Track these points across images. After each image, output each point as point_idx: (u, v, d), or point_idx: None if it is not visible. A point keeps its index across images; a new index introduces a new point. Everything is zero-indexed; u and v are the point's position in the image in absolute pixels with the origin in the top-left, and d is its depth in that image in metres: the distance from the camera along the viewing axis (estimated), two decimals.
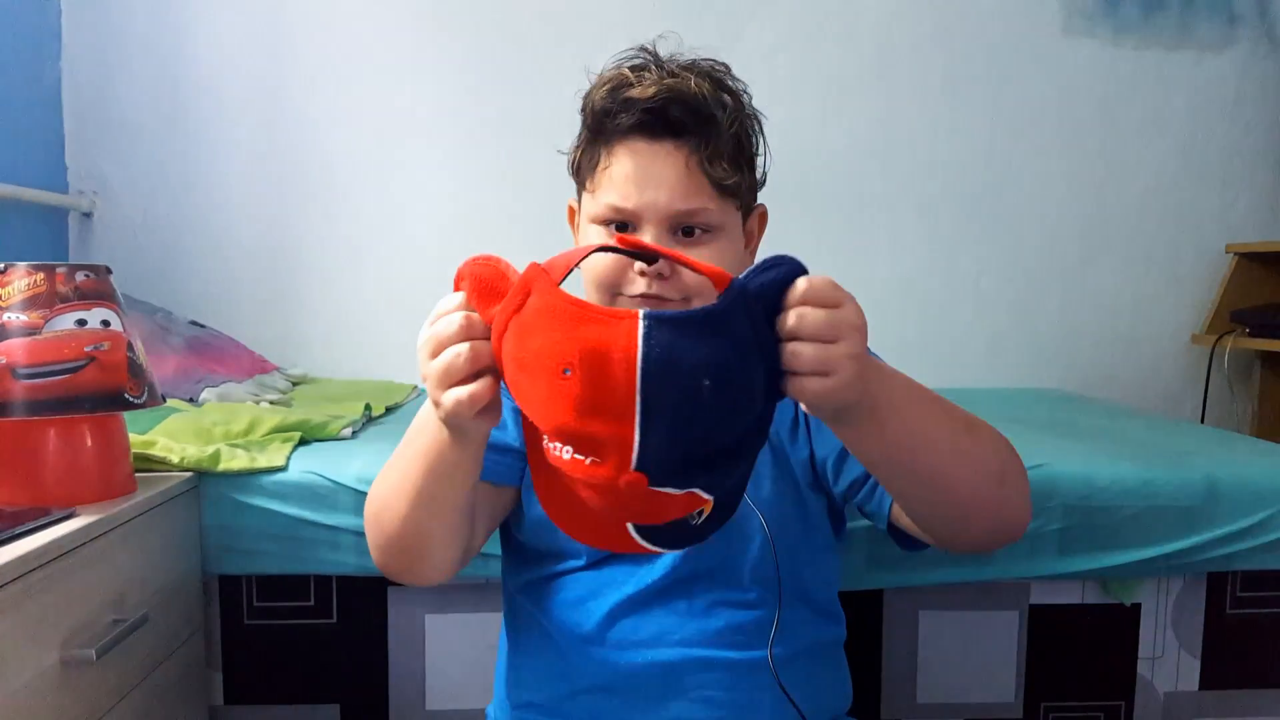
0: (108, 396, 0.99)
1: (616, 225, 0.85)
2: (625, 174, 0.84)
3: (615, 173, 0.85)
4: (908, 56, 2.17)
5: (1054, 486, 1.20)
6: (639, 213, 0.83)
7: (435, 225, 2.15)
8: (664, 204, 0.83)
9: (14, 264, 0.98)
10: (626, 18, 2.10)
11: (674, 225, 0.84)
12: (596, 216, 0.86)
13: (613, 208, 0.84)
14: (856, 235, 2.21)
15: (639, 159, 0.84)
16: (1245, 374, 2.29)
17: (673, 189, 0.83)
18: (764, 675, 0.83)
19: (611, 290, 0.84)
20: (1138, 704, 1.26)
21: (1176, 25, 2.19)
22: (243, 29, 2.08)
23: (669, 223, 0.84)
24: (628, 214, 0.84)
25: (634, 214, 0.84)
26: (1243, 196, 2.26)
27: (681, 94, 0.83)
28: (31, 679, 0.85)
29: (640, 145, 0.84)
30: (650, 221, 0.83)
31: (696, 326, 0.54)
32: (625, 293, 0.84)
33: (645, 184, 0.83)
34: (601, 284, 0.85)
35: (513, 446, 0.86)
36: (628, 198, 0.83)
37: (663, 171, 0.83)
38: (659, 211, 0.83)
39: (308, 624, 1.22)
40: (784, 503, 0.87)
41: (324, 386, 1.95)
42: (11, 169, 1.84)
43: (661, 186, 0.83)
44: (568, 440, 0.57)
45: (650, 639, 0.83)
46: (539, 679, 0.87)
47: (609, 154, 0.85)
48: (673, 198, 0.83)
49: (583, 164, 0.89)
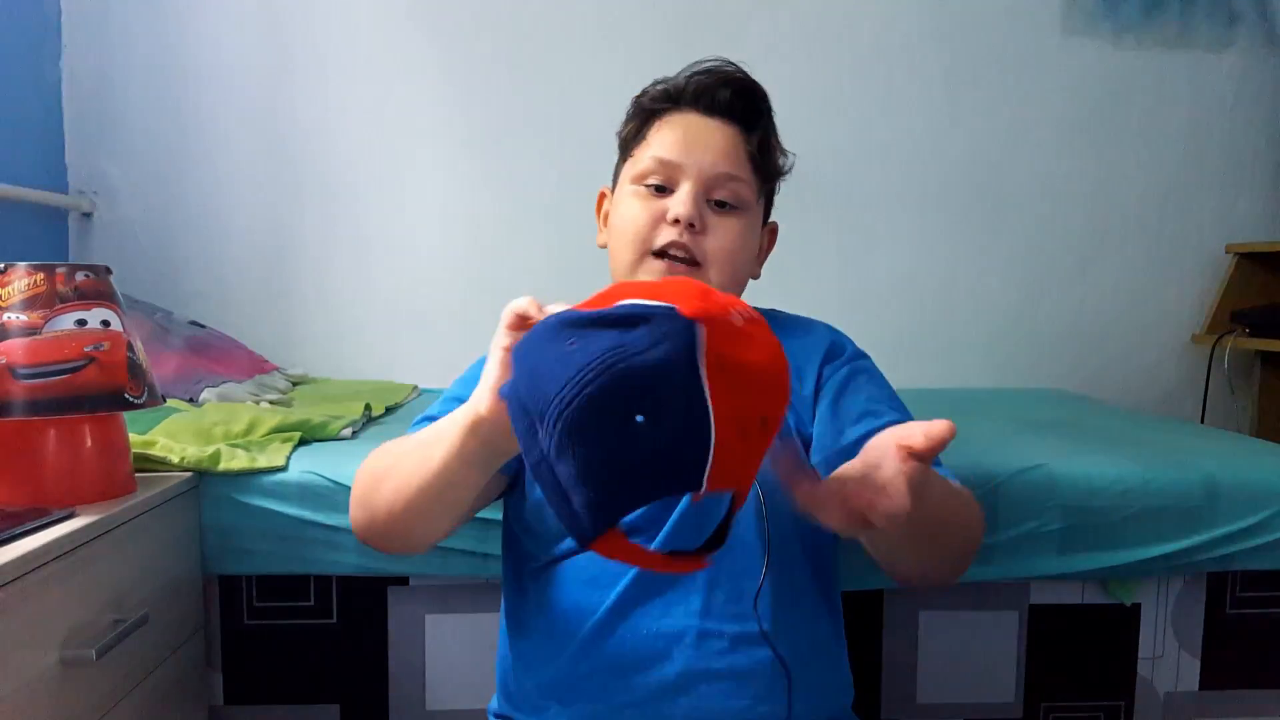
0: (108, 396, 0.99)
1: (656, 186, 0.91)
2: (676, 135, 0.92)
3: (666, 134, 0.92)
4: (908, 56, 2.17)
5: (1054, 486, 1.20)
6: (682, 166, 0.90)
7: (435, 225, 2.15)
8: (708, 164, 0.90)
9: (14, 264, 0.98)
10: (626, 19, 2.10)
11: (710, 188, 0.91)
12: (639, 172, 0.92)
13: (658, 159, 0.91)
14: (857, 235, 2.21)
15: (693, 125, 0.92)
16: (1245, 374, 2.29)
17: (718, 153, 0.90)
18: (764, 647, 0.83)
19: (643, 246, 0.90)
20: (1138, 704, 1.26)
21: (1176, 25, 2.19)
22: (243, 29, 2.08)
23: (708, 182, 0.90)
24: (670, 166, 0.90)
25: (676, 166, 0.90)
26: (1243, 196, 2.26)
27: (737, 80, 0.93)
28: (31, 679, 0.85)
29: (693, 117, 0.92)
30: (690, 178, 0.90)
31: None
32: (654, 245, 0.90)
33: (694, 144, 0.91)
34: (636, 241, 0.91)
35: None
36: (675, 152, 0.90)
37: (711, 138, 0.91)
38: (702, 170, 0.90)
39: (308, 624, 1.22)
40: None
41: (324, 386, 1.95)
42: (11, 169, 1.84)
43: (709, 150, 0.90)
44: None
45: (654, 613, 0.84)
46: (544, 659, 0.87)
47: (662, 123, 0.93)
48: (717, 160, 0.90)
49: (632, 134, 0.96)
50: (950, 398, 1.96)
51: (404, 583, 1.22)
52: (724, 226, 0.90)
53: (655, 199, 0.91)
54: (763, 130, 0.93)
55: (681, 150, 0.90)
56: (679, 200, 0.89)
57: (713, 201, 0.91)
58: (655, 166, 0.91)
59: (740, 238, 0.91)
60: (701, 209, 0.89)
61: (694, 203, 0.89)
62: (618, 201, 0.95)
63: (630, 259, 0.91)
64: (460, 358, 2.35)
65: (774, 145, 0.95)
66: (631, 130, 0.97)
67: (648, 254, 0.90)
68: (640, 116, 0.96)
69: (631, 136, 0.96)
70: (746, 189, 0.91)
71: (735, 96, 0.92)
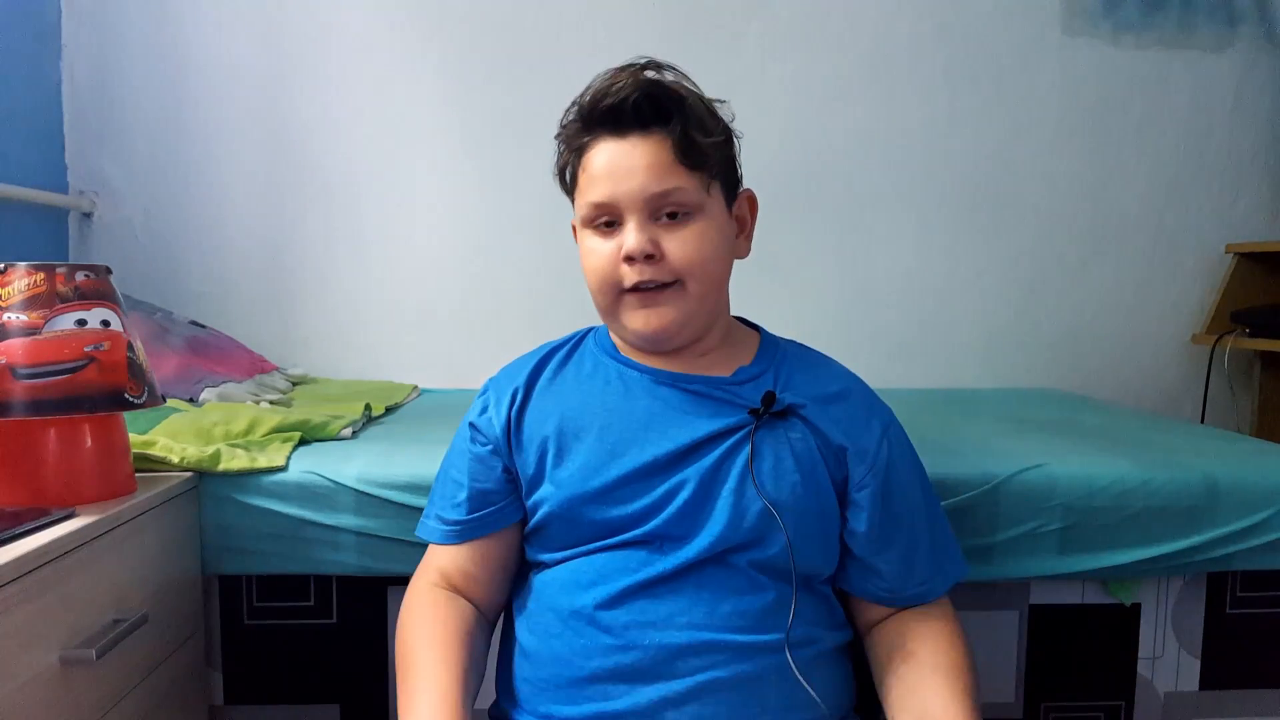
0: (108, 396, 0.99)
1: (604, 223, 0.90)
2: (601, 171, 0.89)
3: (593, 172, 0.90)
4: (908, 56, 2.17)
5: (1054, 486, 1.20)
6: (617, 202, 0.88)
7: (435, 225, 2.15)
8: (638, 189, 0.87)
9: (14, 264, 0.98)
10: (626, 19, 2.10)
11: (653, 210, 0.88)
12: (584, 219, 0.92)
13: (594, 205, 0.90)
14: (856, 235, 2.21)
15: (610, 154, 0.89)
16: (1245, 374, 2.29)
17: (645, 174, 0.87)
18: (769, 658, 0.84)
19: (615, 288, 0.90)
20: (1138, 704, 1.26)
21: (1176, 25, 2.19)
22: (243, 30, 2.08)
23: (648, 208, 0.88)
24: (606, 207, 0.89)
25: (613, 205, 0.89)
26: (1243, 196, 2.26)
27: (638, 86, 0.88)
28: (31, 679, 0.85)
29: (610, 143, 0.89)
30: (630, 210, 0.88)
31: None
32: (623, 285, 0.89)
33: (619, 175, 0.88)
34: (603, 285, 0.91)
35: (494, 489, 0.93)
36: (605, 191, 0.88)
37: (633, 160, 0.88)
38: (635, 198, 0.88)
39: (308, 624, 1.22)
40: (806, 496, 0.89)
41: (324, 386, 1.95)
42: (11, 169, 1.84)
43: (634, 174, 0.87)
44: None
45: (659, 621, 0.84)
46: (546, 660, 0.87)
47: (586, 159, 0.91)
48: (646, 182, 0.87)
49: (566, 174, 0.95)
50: (950, 398, 1.96)
51: (404, 583, 1.21)
52: (680, 238, 0.88)
53: (609, 236, 0.90)
54: (680, 124, 0.88)
55: (610, 186, 0.88)
56: (627, 237, 0.88)
57: (664, 215, 0.88)
58: (594, 212, 0.90)
59: (702, 240, 0.89)
60: (651, 235, 0.87)
61: (641, 235, 0.87)
62: (580, 242, 0.95)
63: (606, 301, 0.92)
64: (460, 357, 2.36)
65: (697, 138, 0.88)
66: (563, 170, 0.95)
67: (620, 294, 0.90)
68: (565, 154, 0.94)
69: (565, 177, 0.95)
70: (689, 192, 0.88)
71: (637, 106, 0.87)
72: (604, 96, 0.89)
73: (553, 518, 0.90)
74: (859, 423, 0.93)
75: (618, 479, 0.88)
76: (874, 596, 0.93)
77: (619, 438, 0.89)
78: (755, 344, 0.99)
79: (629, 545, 0.87)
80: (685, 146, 0.88)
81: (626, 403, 0.92)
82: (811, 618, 0.89)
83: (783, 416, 0.91)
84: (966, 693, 0.84)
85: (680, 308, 0.90)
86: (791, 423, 0.91)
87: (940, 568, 0.94)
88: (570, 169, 0.94)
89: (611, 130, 0.89)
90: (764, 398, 0.90)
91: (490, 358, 1.28)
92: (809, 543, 0.89)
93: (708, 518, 0.86)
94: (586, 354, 0.99)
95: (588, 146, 0.91)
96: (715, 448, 0.89)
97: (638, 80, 0.88)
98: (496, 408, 0.95)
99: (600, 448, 0.89)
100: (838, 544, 0.93)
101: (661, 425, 0.90)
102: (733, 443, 0.89)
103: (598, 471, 0.88)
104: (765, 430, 0.90)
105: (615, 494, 0.88)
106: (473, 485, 0.93)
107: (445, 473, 0.98)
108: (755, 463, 0.88)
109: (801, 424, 0.91)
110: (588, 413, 0.92)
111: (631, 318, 0.91)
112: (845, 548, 0.93)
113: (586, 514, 0.88)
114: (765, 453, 0.89)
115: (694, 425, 0.89)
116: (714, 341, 0.96)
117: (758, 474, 0.87)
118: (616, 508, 0.87)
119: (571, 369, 0.97)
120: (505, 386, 0.96)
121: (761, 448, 0.89)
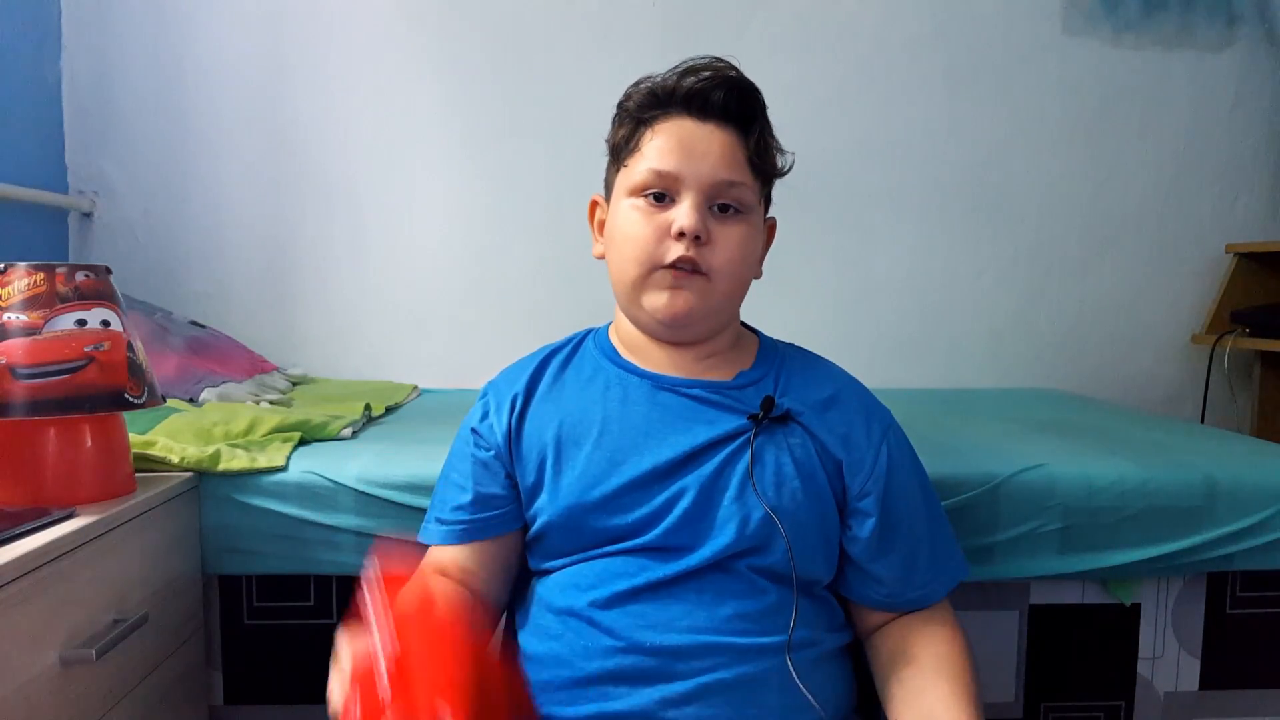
0: (108, 396, 0.99)
1: (654, 195, 0.89)
2: (671, 144, 0.88)
3: (661, 143, 0.89)
4: (908, 56, 2.17)
5: (1054, 486, 1.20)
6: (681, 177, 0.88)
7: (435, 225, 2.15)
8: (708, 172, 0.87)
9: (14, 264, 0.98)
10: (626, 21, 2.10)
11: (712, 196, 0.88)
12: (635, 185, 0.90)
13: (655, 171, 0.88)
14: (856, 235, 2.21)
15: (688, 131, 0.89)
16: (1245, 374, 2.29)
17: (718, 160, 0.88)
18: (769, 660, 0.84)
19: (652, 262, 0.88)
20: (1138, 704, 1.26)
21: (1176, 25, 2.19)
22: (243, 30, 2.08)
23: (709, 191, 0.88)
24: (669, 178, 0.88)
25: (676, 178, 0.88)
26: (1243, 196, 2.26)
27: (730, 80, 0.89)
28: (31, 679, 0.85)
29: (687, 123, 0.89)
30: (691, 188, 0.88)
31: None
32: (662, 261, 0.88)
33: (691, 153, 0.88)
34: (641, 255, 0.89)
35: (498, 494, 0.92)
36: (672, 162, 0.88)
37: (709, 144, 0.88)
38: (702, 179, 0.87)
39: (308, 624, 1.22)
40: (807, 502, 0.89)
41: (324, 386, 1.94)
42: (11, 169, 1.84)
43: (708, 156, 0.88)
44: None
45: (660, 623, 0.84)
46: (546, 662, 0.87)
47: (654, 131, 0.90)
48: (716, 168, 0.88)
49: (623, 142, 0.93)
50: (950, 398, 1.96)
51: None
52: (728, 234, 0.88)
53: (656, 211, 0.88)
54: (760, 131, 0.91)
55: (679, 160, 0.87)
56: (683, 213, 0.87)
57: (715, 207, 0.89)
58: (653, 179, 0.88)
59: (744, 244, 0.90)
60: (705, 219, 0.87)
61: (698, 215, 0.86)
62: (615, 214, 0.92)
63: (637, 274, 0.89)
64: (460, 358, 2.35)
65: (771, 144, 0.92)
66: (622, 138, 0.93)
67: (656, 268, 0.88)
68: (630, 123, 0.92)
69: (623, 144, 0.92)
70: (748, 193, 0.89)
71: (730, 98, 0.89)
72: (693, 78, 0.89)
73: (552, 527, 0.89)
74: (857, 428, 0.93)
75: (618, 488, 0.87)
76: (874, 602, 0.93)
77: (618, 445, 0.89)
78: (755, 348, 0.99)
79: (630, 553, 0.87)
80: (760, 149, 0.90)
81: (625, 409, 0.91)
82: (812, 620, 0.89)
83: (783, 422, 0.90)
84: (969, 696, 0.84)
85: (704, 299, 0.89)
86: (791, 428, 0.90)
87: (941, 571, 0.94)
88: (628, 133, 0.92)
89: (692, 112, 0.89)
90: (763, 403, 0.90)
91: (490, 358, 1.28)
92: (810, 549, 0.88)
93: (710, 526, 0.86)
94: (586, 358, 0.98)
95: (660, 118, 0.90)
96: (715, 454, 0.88)
97: (727, 74, 0.90)
98: (497, 414, 0.94)
99: (599, 456, 0.89)
100: (838, 549, 0.93)
101: (661, 432, 0.89)
102: (733, 449, 0.88)
103: (597, 481, 0.88)
104: (765, 436, 0.89)
105: (615, 503, 0.87)
106: (477, 489, 0.93)
107: (446, 477, 0.97)
108: (756, 469, 0.87)
109: (801, 430, 0.91)
110: (587, 419, 0.91)
111: (656, 296, 0.89)
112: (844, 553, 0.93)
113: (587, 523, 0.88)
114: (766, 459, 0.88)
115: (694, 431, 0.89)
116: (721, 346, 0.96)
117: (759, 480, 0.87)
118: (617, 517, 0.87)
119: (571, 373, 0.97)
120: (505, 392, 0.96)
121: (762, 454, 0.88)
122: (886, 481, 0.91)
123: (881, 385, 1.15)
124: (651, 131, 0.90)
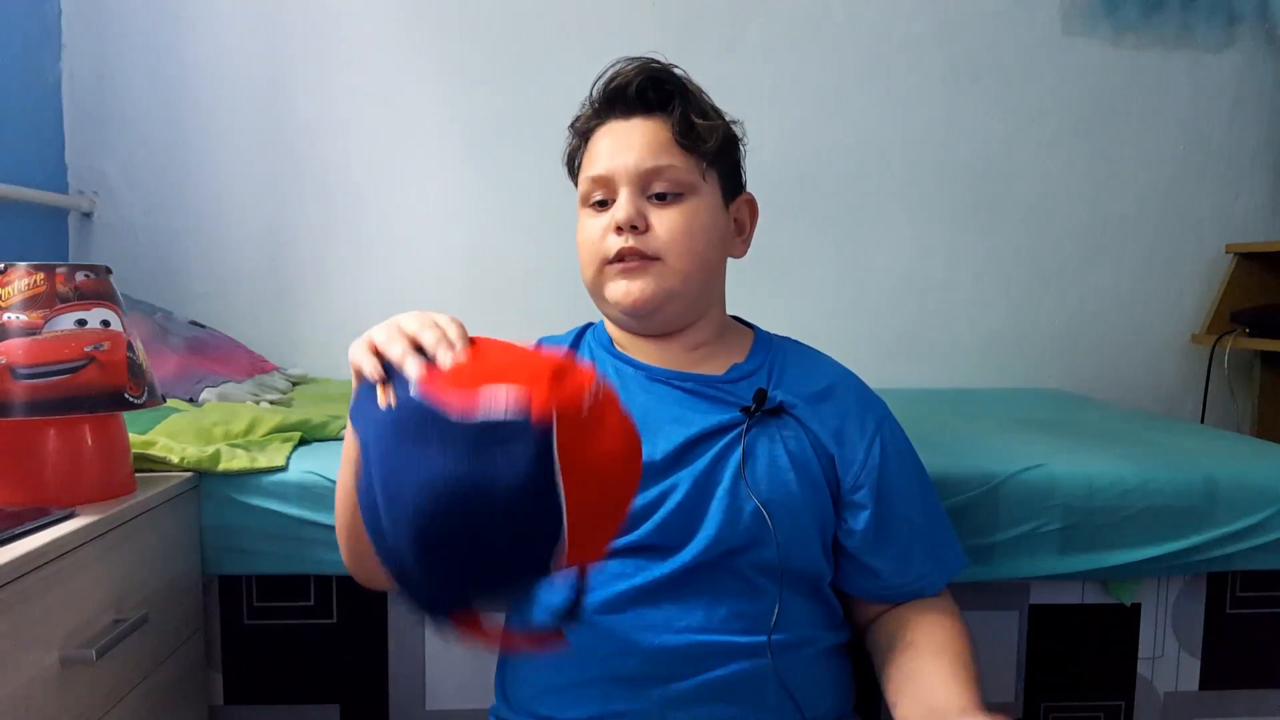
0: (108, 396, 0.99)
1: (599, 201, 0.93)
2: (602, 149, 0.94)
3: (594, 152, 0.94)
4: (908, 56, 2.17)
5: (1054, 486, 1.20)
6: (613, 175, 0.91)
7: (435, 225, 2.15)
8: (634, 163, 0.91)
9: (14, 264, 0.98)
10: (626, 21, 2.10)
11: (645, 185, 0.91)
12: (582, 196, 0.95)
13: (591, 179, 0.93)
14: (857, 234, 2.21)
15: (613, 134, 0.94)
16: (1245, 374, 2.29)
17: (641, 150, 0.91)
18: (767, 658, 0.84)
19: (601, 259, 0.93)
20: (1138, 704, 1.26)
21: (1176, 25, 2.19)
22: (243, 29, 2.08)
23: (640, 181, 0.91)
24: (604, 180, 0.92)
25: (609, 179, 0.92)
26: (1243, 196, 2.26)
27: (642, 69, 0.93)
28: (31, 679, 0.85)
29: (616, 124, 0.94)
30: (623, 182, 0.91)
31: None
32: (609, 256, 0.92)
33: (617, 150, 0.92)
34: (591, 256, 0.94)
35: None
36: (604, 165, 0.92)
37: (631, 137, 0.92)
38: (629, 171, 0.91)
39: (308, 624, 1.22)
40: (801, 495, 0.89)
41: (324, 386, 1.94)
42: (11, 169, 1.84)
43: (631, 150, 0.92)
44: None
45: (657, 625, 0.84)
46: (546, 663, 0.87)
47: (591, 142, 0.95)
48: (641, 157, 0.91)
49: (570, 161, 0.99)
50: (950, 398, 1.96)
51: None
52: (668, 216, 0.91)
53: (601, 214, 0.93)
54: (680, 107, 0.92)
55: (608, 160, 0.92)
56: (617, 207, 0.91)
57: (653, 196, 0.92)
58: (592, 186, 0.94)
59: (690, 222, 0.91)
60: (640, 208, 0.91)
61: (630, 205, 0.90)
62: (578, 225, 0.98)
63: (592, 274, 0.94)
64: None
65: (698, 122, 0.92)
66: (575, 156, 0.99)
67: (605, 263, 0.92)
68: (575, 140, 0.99)
69: (570, 163, 1.00)
70: (681, 171, 0.91)
71: (645, 86, 0.93)
72: (610, 80, 0.94)
73: None
74: (850, 421, 0.93)
75: None
76: (871, 595, 0.93)
77: None
78: (749, 342, 0.99)
79: (625, 552, 0.87)
80: (683, 127, 0.91)
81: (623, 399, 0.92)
82: (810, 618, 0.89)
83: (776, 415, 0.91)
84: (968, 676, 0.84)
85: (659, 284, 0.90)
86: (785, 421, 0.91)
87: (939, 561, 0.94)
88: (576, 154, 0.98)
89: (617, 114, 0.94)
90: (755, 395, 0.90)
91: None
92: (805, 543, 0.88)
93: (701, 521, 0.86)
94: (585, 349, 1.00)
95: (594, 130, 0.95)
96: (708, 448, 0.88)
97: (643, 66, 0.93)
98: None
99: None
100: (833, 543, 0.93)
101: (655, 425, 0.89)
102: (725, 443, 0.89)
103: None
104: (759, 429, 0.90)
105: None
106: None
107: None
108: (749, 463, 0.87)
109: (795, 422, 0.91)
110: None
111: (613, 288, 0.92)
112: (840, 547, 0.93)
113: None
114: (759, 452, 0.88)
115: (687, 424, 0.89)
116: (706, 335, 0.96)
117: (751, 474, 0.87)
118: None
119: None
120: None
121: (755, 447, 0.89)
122: (880, 474, 0.91)
123: (881, 385, 1.15)
124: (589, 143, 0.95)
